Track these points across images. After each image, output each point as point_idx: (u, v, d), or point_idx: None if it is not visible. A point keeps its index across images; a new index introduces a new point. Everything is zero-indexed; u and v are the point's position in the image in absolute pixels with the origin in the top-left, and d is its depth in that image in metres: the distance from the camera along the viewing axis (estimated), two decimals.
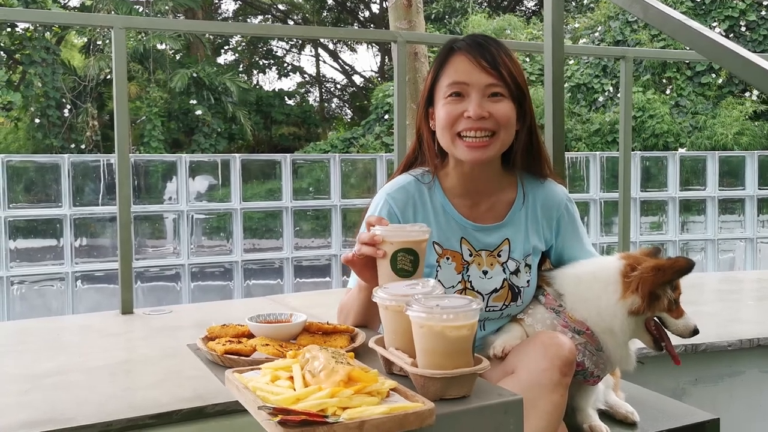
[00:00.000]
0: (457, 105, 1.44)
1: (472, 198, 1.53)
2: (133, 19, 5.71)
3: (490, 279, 1.50)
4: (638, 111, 11.00)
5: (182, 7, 15.12)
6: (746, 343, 2.57)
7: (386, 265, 1.24)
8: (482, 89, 1.43)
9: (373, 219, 1.30)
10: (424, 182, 1.52)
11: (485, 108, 1.43)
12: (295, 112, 16.58)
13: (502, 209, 1.54)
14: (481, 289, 1.50)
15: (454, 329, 1.00)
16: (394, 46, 3.46)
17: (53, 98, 12.72)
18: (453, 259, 1.50)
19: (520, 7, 18.36)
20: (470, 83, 1.44)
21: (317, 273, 6.75)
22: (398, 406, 0.92)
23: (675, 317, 1.45)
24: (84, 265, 5.99)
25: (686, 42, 1.66)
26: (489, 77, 1.43)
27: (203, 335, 1.31)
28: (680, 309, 1.46)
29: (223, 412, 1.82)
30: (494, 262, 1.51)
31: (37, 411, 1.89)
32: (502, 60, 1.44)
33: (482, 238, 1.52)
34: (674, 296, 1.45)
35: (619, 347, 1.46)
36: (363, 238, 1.28)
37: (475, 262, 1.50)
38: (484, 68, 1.43)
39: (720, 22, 11.59)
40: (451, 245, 1.50)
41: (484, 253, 1.51)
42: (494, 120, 1.43)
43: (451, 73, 1.46)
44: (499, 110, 1.43)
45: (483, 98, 1.43)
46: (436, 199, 1.52)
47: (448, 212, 1.52)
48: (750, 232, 7.67)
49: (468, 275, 1.50)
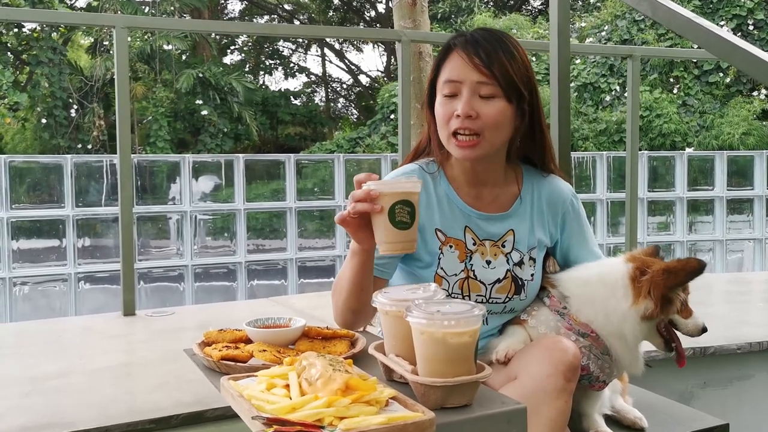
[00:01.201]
0: (450, 104, 1.43)
1: (477, 188, 1.52)
2: (135, 19, 5.71)
3: (493, 269, 1.48)
4: (645, 110, 10.94)
5: (188, 7, 15.15)
6: (755, 346, 2.53)
7: (383, 219, 1.22)
8: (473, 87, 1.41)
9: (362, 176, 1.28)
10: (428, 171, 1.52)
11: (474, 107, 1.41)
12: (301, 112, 16.59)
13: (507, 201, 1.53)
14: (484, 278, 1.48)
15: (455, 336, 0.98)
16: (399, 45, 3.43)
17: (60, 98, 12.77)
18: (456, 248, 1.48)
19: (527, 6, 18.31)
20: (462, 81, 1.42)
21: (321, 273, 6.73)
22: (397, 416, 0.89)
23: (684, 317, 1.43)
24: (87, 266, 5.99)
25: (695, 40, 1.63)
26: (480, 75, 1.41)
27: (200, 340, 1.29)
28: (689, 308, 1.44)
29: (223, 417, 1.80)
30: (498, 252, 1.49)
31: (37, 414, 1.87)
32: (497, 57, 1.41)
33: (487, 228, 1.50)
34: (684, 297, 1.42)
35: (629, 352, 1.44)
36: (357, 195, 1.25)
37: (479, 251, 1.49)
38: (476, 66, 1.41)
39: (728, 20, 11.51)
40: (454, 233, 1.49)
41: (488, 242, 1.49)
42: (481, 121, 1.41)
43: (447, 71, 1.45)
44: (487, 111, 1.41)
45: (473, 96, 1.41)
46: (440, 187, 1.51)
47: (453, 200, 1.51)
48: (759, 232, 7.61)
49: (471, 264, 1.48)
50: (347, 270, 1.41)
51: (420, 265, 1.48)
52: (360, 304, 1.40)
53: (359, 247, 1.35)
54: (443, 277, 1.47)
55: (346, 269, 1.41)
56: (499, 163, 1.52)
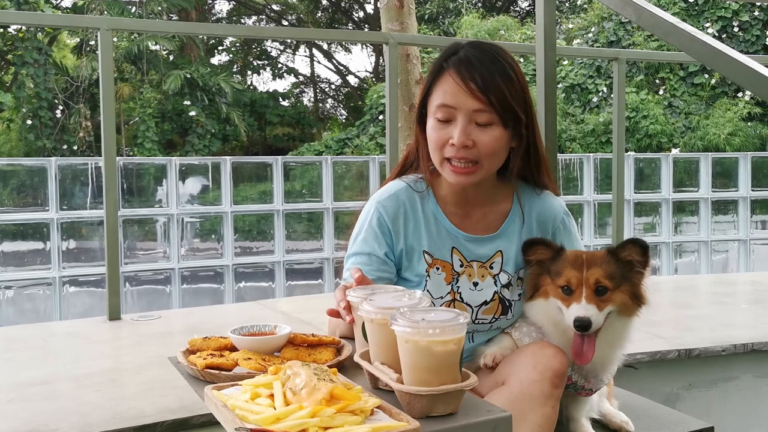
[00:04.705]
0: (444, 130, 1.39)
1: (465, 208, 1.49)
2: (121, 21, 5.65)
3: (480, 291, 1.46)
4: (632, 111, 11.02)
5: (176, 8, 15.06)
6: (740, 347, 2.55)
7: (358, 330, 1.19)
8: (469, 115, 1.37)
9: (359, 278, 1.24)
10: (417, 190, 1.48)
11: (470, 136, 1.37)
12: (290, 112, 16.55)
13: (496, 220, 1.51)
14: (471, 301, 1.46)
15: (440, 344, 0.97)
16: (386, 47, 3.43)
17: (45, 99, 12.65)
18: (443, 270, 1.46)
19: (515, 7, 18.38)
20: (457, 107, 1.37)
21: (309, 276, 6.72)
22: (381, 426, 0.89)
23: (566, 306, 1.36)
24: (72, 270, 5.94)
25: (678, 45, 1.64)
26: (476, 102, 1.36)
27: (185, 348, 1.28)
28: (573, 297, 1.35)
29: (208, 423, 1.79)
30: (486, 273, 1.47)
31: (18, 421, 1.85)
32: (494, 83, 1.35)
33: (474, 249, 1.48)
34: (557, 281, 1.37)
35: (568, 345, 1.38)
36: (338, 297, 1.22)
37: (466, 273, 1.46)
38: (472, 92, 1.35)
39: (713, 22, 11.62)
40: (441, 255, 1.47)
41: (475, 264, 1.47)
42: (477, 150, 1.38)
43: (440, 94, 1.40)
44: (483, 140, 1.37)
45: (470, 124, 1.37)
46: (428, 207, 1.48)
47: (440, 221, 1.48)
48: (743, 233, 7.68)
49: (458, 286, 1.46)
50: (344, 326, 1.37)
51: (407, 286, 1.45)
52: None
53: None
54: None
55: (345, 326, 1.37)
56: (489, 183, 1.49)
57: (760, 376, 2.59)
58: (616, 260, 1.38)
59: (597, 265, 1.36)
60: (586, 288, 1.35)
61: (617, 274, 1.36)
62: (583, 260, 1.38)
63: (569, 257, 1.40)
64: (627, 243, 1.39)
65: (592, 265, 1.36)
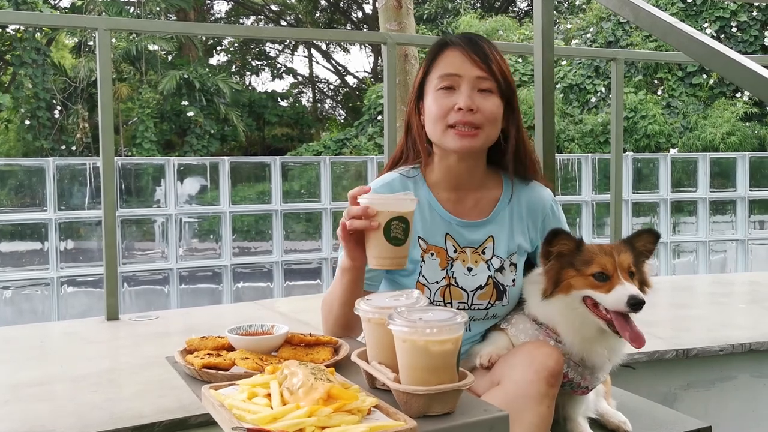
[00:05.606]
0: (449, 98, 1.45)
1: (457, 193, 1.53)
2: (119, 21, 5.65)
3: (474, 276, 1.49)
4: (630, 112, 11.03)
5: (174, 8, 15.06)
6: (738, 347, 2.55)
7: (379, 235, 1.23)
8: (473, 81, 1.45)
9: (356, 190, 1.30)
10: (409, 177, 1.53)
11: (475, 101, 1.44)
12: (288, 113, 16.55)
13: (487, 206, 1.54)
14: (466, 285, 1.49)
15: (437, 344, 0.97)
16: (384, 48, 3.42)
17: (43, 99, 12.65)
18: (437, 255, 1.49)
19: (513, 7, 18.40)
20: (462, 75, 1.45)
21: (307, 276, 6.72)
22: (378, 425, 0.89)
23: (604, 292, 1.35)
24: (70, 270, 5.93)
25: (676, 45, 1.63)
26: (480, 71, 1.45)
27: (182, 347, 1.27)
28: (612, 282, 1.35)
29: (206, 423, 1.78)
30: (479, 259, 1.50)
31: (14, 423, 1.84)
32: (493, 56, 1.47)
33: (467, 235, 1.51)
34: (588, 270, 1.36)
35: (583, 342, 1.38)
36: (353, 211, 1.26)
37: (460, 259, 1.49)
38: (476, 62, 1.45)
39: (711, 23, 11.63)
40: (435, 241, 1.50)
41: (468, 249, 1.50)
42: (481, 115, 1.44)
43: (444, 66, 1.48)
44: (486, 105, 1.45)
45: (473, 91, 1.45)
46: (421, 194, 1.51)
47: (434, 208, 1.51)
48: (741, 233, 7.69)
49: (452, 271, 1.49)
50: (337, 287, 1.40)
51: (403, 273, 1.48)
52: (350, 319, 1.39)
53: (351, 263, 1.35)
54: (425, 285, 1.47)
55: (337, 286, 1.41)
56: (480, 169, 1.54)
57: (758, 376, 2.60)
58: (632, 249, 1.41)
59: (624, 251, 1.39)
60: (622, 272, 1.36)
61: (635, 262, 1.40)
62: (611, 248, 1.40)
63: (593, 247, 1.41)
64: (642, 233, 1.43)
65: (620, 251, 1.39)
